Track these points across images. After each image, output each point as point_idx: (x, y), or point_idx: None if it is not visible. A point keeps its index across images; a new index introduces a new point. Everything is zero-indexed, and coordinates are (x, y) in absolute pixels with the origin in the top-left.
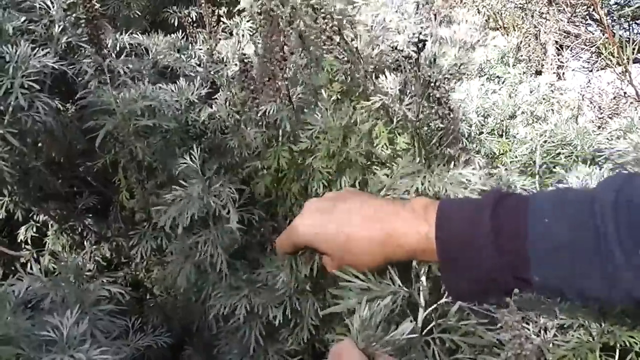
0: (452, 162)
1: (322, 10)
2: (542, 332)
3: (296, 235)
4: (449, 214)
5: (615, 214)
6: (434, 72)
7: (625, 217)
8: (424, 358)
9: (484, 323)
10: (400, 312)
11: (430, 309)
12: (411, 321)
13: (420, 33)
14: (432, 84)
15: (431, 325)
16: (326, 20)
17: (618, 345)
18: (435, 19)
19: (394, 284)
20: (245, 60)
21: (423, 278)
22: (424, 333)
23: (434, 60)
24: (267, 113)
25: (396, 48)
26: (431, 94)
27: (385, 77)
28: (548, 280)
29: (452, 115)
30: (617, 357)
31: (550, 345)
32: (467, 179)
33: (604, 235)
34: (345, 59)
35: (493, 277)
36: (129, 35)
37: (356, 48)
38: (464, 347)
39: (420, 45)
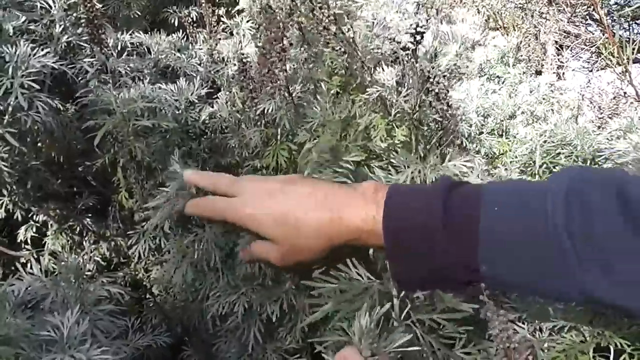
0: (448, 156)
1: (319, 1)
2: (538, 332)
3: (239, 216)
4: (398, 199)
5: (567, 207)
6: (433, 67)
7: (577, 211)
8: (412, 344)
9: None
10: (374, 302)
11: (402, 294)
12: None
13: (418, 25)
14: (431, 79)
15: (407, 309)
16: (323, 11)
17: (611, 346)
18: (437, 14)
19: (362, 278)
20: (244, 60)
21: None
22: (402, 319)
23: (435, 55)
24: (265, 111)
25: (394, 39)
26: (430, 89)
27: (382, 69)
28: (497, 272)
29: (450, 112)
30: (611, 358)
31: (545, 344)
32: (461, 171)
33: (554, 228)
34: (342, 50)
35: (443, 267)
36: (130, 34)
37: (352, 39)
38: (444, 324)
39: (417, 36)
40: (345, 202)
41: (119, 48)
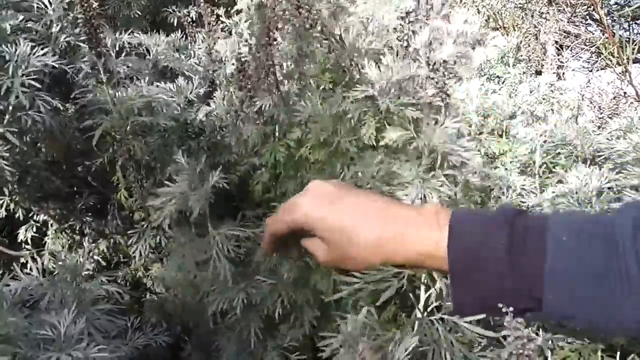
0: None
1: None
2: (542, 331)
3: (298, 214)
4: (462, 226)
5: (635, 242)
6: (433, 54)
7: None
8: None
9: None
10: (404, 292)
11: (430, 291)
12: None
13: (408, 13)
14: (431, 66)
15: (432, 306)
16: (306, 11)
17: (619, 345)
18: (430, 11)
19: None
20: (242, 59)
21: None
22: (426, 314)
23: (430, 45)
24: (262, 108)
25: (386, 28)
26: (428, 77)
27: (377, 66)
28: (560, 302)
29: (447, 101)
30: (617, 357)
31: (550, 342)
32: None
33: (627, 271)
34: (331, 48)
35: (507, 294)
36: (129, 34)
37: (340, 36)
38: (462, 327)
39: (407, 20)
40: (409, 221)
41: (117, 48)
